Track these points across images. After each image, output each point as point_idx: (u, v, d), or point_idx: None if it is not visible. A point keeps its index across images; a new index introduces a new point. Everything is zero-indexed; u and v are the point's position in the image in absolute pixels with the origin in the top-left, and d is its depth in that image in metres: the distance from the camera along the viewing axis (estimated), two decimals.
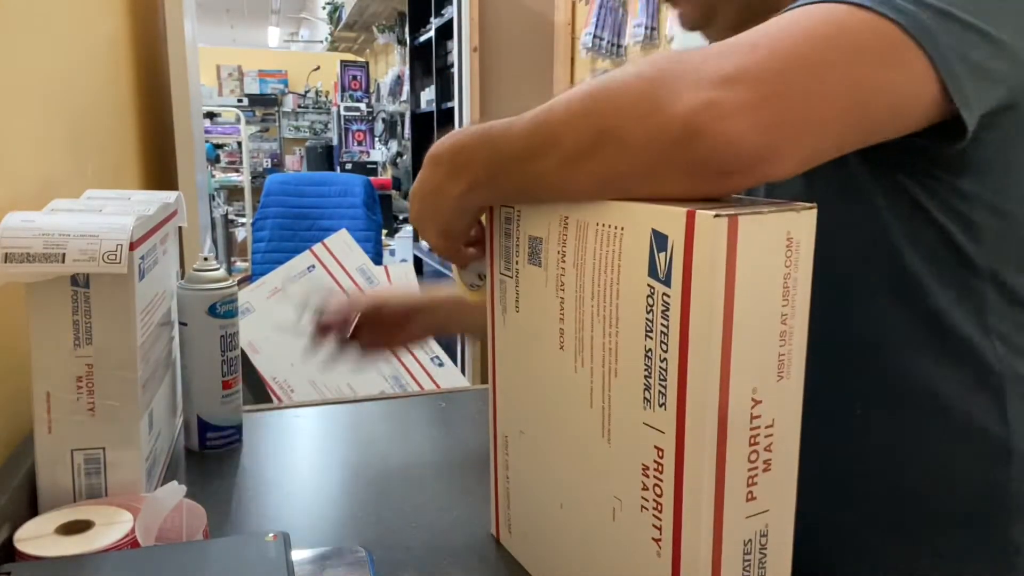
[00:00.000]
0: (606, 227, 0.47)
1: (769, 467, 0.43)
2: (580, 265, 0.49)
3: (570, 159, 0.47)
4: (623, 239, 0.45)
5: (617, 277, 0.46)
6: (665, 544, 0.45)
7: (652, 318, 0.43)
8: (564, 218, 0.51)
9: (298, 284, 1.49)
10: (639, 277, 0.44)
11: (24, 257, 0.61)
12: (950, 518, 0.56)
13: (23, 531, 0.59)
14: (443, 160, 0.57)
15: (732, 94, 0.41)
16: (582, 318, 0.50)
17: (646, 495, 0.46)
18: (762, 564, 0.45)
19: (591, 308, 0.49)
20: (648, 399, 0.44)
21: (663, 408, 0.43)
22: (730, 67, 0.42)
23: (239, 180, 5.99)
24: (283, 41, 10.20)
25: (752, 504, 0.43)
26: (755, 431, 0.42)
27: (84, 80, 1.11)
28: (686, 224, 0.40)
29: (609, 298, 0.47)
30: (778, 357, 0.42)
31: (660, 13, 2.45)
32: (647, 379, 0.44)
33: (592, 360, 0.49)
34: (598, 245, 0.47)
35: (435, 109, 3.71)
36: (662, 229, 0.42)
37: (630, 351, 0.46)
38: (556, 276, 0.52)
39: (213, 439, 0.86)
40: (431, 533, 0.70)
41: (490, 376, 0.64)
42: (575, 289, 0.50)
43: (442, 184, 0.57)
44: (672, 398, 0.43)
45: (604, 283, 0.47)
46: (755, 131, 0.41)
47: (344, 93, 6.94)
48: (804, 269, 0.42)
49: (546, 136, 0.49)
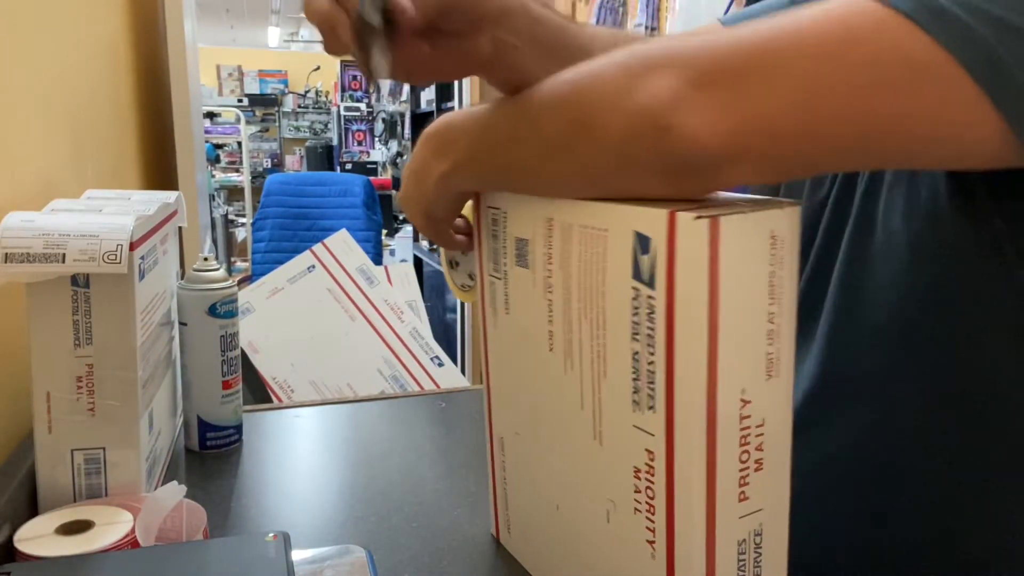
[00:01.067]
0: (590, 229, 0.46)
1: (761, 466, 0.43)
2: (566, 267, 0.49)
3: (548, 149, 0.46)
4: (607, 241, 0.45)
5: (603, 279, 0.46)
6: (659, 546, 0.45)
7: (638, 321, 0.43)
8: (548, 220, 0.50)
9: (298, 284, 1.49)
10: (624, 279, 0.44)
11: (24, 257, 0.61)
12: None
13: (23, 531, 0.59)
14: (431, 139, 0.55)
15: (705, 92, 0.39)
16: (570, 320, 0.49)
17: (639, 497, 0.46)
18: (757, 563, 0.45)
19: (578, 310, 0.48)
20: (637, 402, 0.44)
21: (652, 411, 0.43)
22: (712, 61, 0.40)
23: (239, 180, 5.99)
24: (283, 41, 10.18)
25: (745, 504, 0.43)
26: (745, 431, 0.42)
27: (84, 80, 1.11)
28: (667, 226, 0.40)
29: (595, 300, 0.47)
30: (767, 356, 0.42)
31: (660, 13, 2.45)
32: (635, 382, 0.44)
33: (581, 362, 0.49)
34: (583, 247, 0.47)
35: (435, 109, 3.71)
36: (645, 231, 0.42)
37: (618, 354, 0.45)
38: (543, 278, 0.52)
39: (213, 439, 0.86)
40: (431, 533, 0.70)
41: (484, 377, 0.64)
42: (562, 291, 0.50)
43: (428, 163, 0.55)
44: (661, 401, 0.42)
45: (590, 285, 0.47)
46: (719, 133, 0.38)
47: (344, 93, 6.95)
48: (790, 267, 0.42)
49: (528, 122, 0.47)
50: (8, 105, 0.77)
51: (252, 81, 8.03)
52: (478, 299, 0.62)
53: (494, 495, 0.66)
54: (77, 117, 1.05)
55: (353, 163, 5.84)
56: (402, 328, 1.41)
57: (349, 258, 1.51)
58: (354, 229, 3.30)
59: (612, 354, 0.46)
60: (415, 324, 1.41)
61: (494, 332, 0.61)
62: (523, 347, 0.56)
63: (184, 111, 1.61)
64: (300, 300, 1.47)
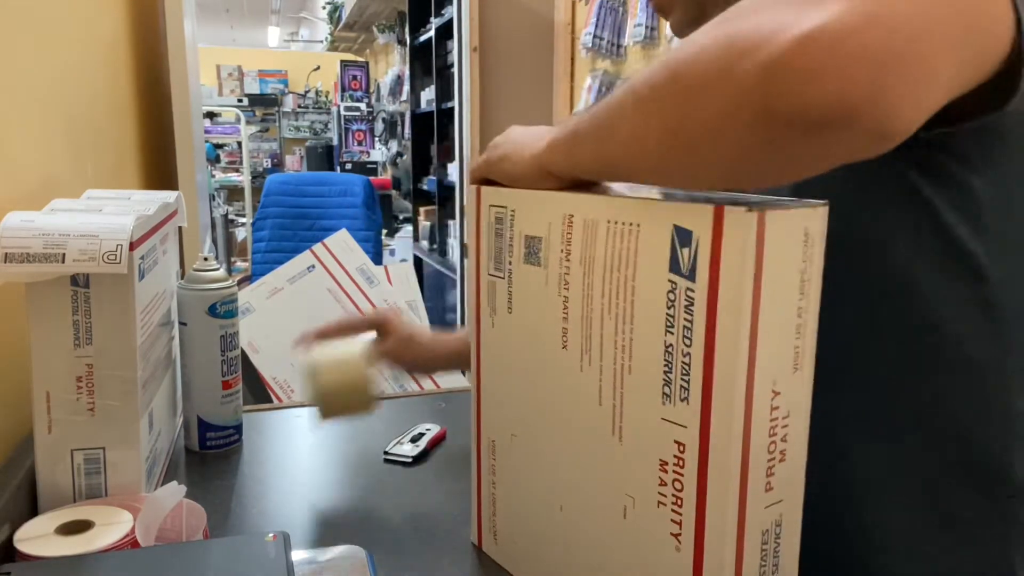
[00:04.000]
0: (619, 224, 0.47)
1: (784, 457, 0.44)
2: (588, 263, 0.49)
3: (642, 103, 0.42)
4: (639, 235, 0.45)
5: (632, 274, 0.46)
6: (686, 539, 0.45)
7: (674, 313, 0.44)
8: (568, 216, 0.51)
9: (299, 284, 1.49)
10: (658, 273, 0.44)
11: (24, 257, 0.61)
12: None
13: (23, 531, 0.59)
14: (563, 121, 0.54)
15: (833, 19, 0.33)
16: (590, 316, 0.50)
17: (663, 490, 0.46)
18: (776, 553, 0.46)
19: (601, 306, 0.49)
20: (668, 394, 0.45)
21: (685, 403, 0.44)
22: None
23: (239, 180, 5.99)
24: (283, 41, 10.20)
25: (770, 494, 0.44)
26: (774, 422, 0.43)
27: (84, 80, 1.11)
28: (714, 219, 0.41)
29: (623, 295, 0.47)
30: (794, 350, 0.43)
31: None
32: (667, 374, 0.45)
33: (602, 358, 0.49)
34: (610, 242, 0.47)
35: (435, 109, 3.71)
36: (686, 225, 0.42)
37: (647, 347, 0.46)
38: (559, 275, 0.52)
39: (213, 439, 0.86)
40: (431, 533, 0.70)
41: (473, 380, 0.64)
42: (582, 287, 0.50)
43: (541, 135, 0.54)
44: (696, 393, 0.43)
45: (617, 280, 0.47)
46: (864, 66, 0.33)
47: (344, 93, 6.94)
48: (817, 264, 0.43)
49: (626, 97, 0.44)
50: (8, 105, 0.77)
51: (252, 81, 8.02)
52: (469, 302, 0.62)
53: (478, 502, 0.66)
54: (77, 117, 1.05)
55: (353, 163, 5.84)
56: None
57: (349, 258, 1.51)
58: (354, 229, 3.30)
59: (640, 348, 0.46)
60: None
61: (490, 333, 0.61)
62: (528, 346, 0.56)
63: (184, 111, 1.61)
64: (300, 300, 1.47)
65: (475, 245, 0.60)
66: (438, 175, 3.78)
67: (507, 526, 0.63)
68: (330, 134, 7.88)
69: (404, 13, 4.45)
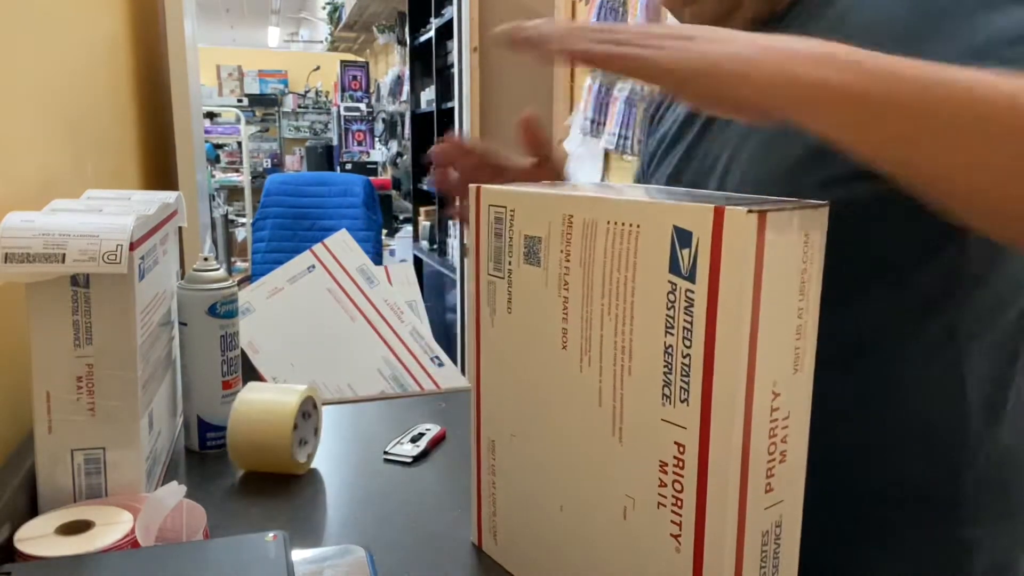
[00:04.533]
0: (618, 225, 0.47)
1: (784, 458, 0.44)
2: (588, 263, 0.49)
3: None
4: (639, 236, 0.45)
5: (632, 275, 0.46)
6: (685, 540, 0.45)
7: (673, 314, 0.44)
8: (568, 216, 0.51)
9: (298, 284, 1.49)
10: (658, 274, 0.44)
11: (24, 257, 0.61)
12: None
13: (23, 531, 0.59)
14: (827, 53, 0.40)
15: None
16: (590, 317, 0.50)
17: (663, 492, 0.46)
18: (776, 554, 0.46)
19: (601, 306, 0.49)
20: (668, 395, 0.45)
21: (685, 404, 0.44)
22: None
23: (239, 180, 5.99)
24: (283, 41, 10.20)
25: (770, 495, 0.44)
26: (774, 423, 0.43)
27: (84, 80, 1.11)
28: (714, 220, 0.41)
29: (622, 296, 0.47)
30: (794, 351, 0.44)
31: (660, 14, 2.45)
32: (667, 376, 0.45)
33: (601, 359, 0.49)
34: (609, 243, 0.47)
35: (435, 109, 3.71)
36: (686, 226, 0.42)
37: (646, 348, 0.46)
38: (559, 275, 0.52)
39: (213, 439, 0.86)
40: (431, 533, 0.70)
41: (473, 379, 0.64)
42: (582, 287, 0.50)
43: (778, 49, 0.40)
44: (696, 394, 0.43)
45: (616, 281, 0.47)
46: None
47: (344, 93, 6.95)
48: (817, 265, 0.43)
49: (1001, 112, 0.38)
50: (8, 105, 0.77)
51: (252, 81, 8.02)
52: (468, 302, 0.63)
53: (478, 502, 0.66)
54: (77, 117, 1.05)
55: (353, 163, 5.84)
56: (402, 328, 1.40)
57: (349, 258, 1.50)
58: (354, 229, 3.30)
59: (639, 349, 0.46)
60: (415, 324, 1.41)
61: (490, 333, 0.61)
62: (527, 347, 0.56)
63: (184, 111, 1.61)
64: (300, 300, 1.46)
65: (475, 245, 0.60)
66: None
67: (507, 526, 0.63)
68: (330, 134, 7.88)
69: (404, 13, 4.46)
